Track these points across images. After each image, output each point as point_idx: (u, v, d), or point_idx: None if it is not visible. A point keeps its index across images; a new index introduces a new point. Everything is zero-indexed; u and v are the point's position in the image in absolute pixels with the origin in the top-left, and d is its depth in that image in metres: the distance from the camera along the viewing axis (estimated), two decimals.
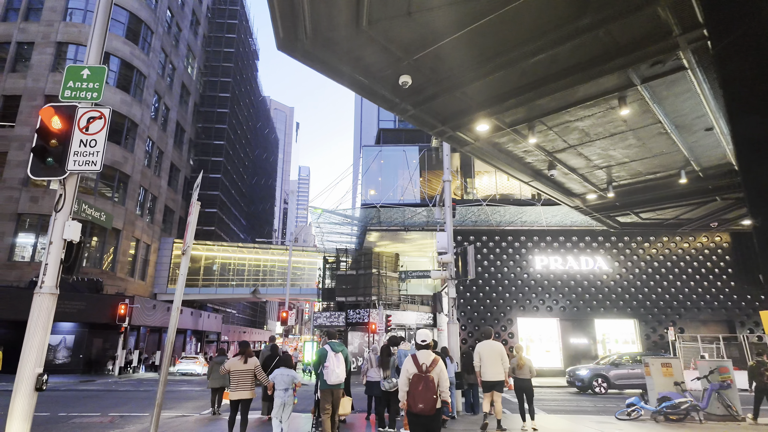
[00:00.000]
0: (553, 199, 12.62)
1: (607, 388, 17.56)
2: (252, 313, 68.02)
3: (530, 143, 8.84)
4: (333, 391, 7.13)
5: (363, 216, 25.31)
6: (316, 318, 29.47)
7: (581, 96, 7.40)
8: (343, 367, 7.06)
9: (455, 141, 9.26)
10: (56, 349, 25.34)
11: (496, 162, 10.10)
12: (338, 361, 7.02)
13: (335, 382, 7.00)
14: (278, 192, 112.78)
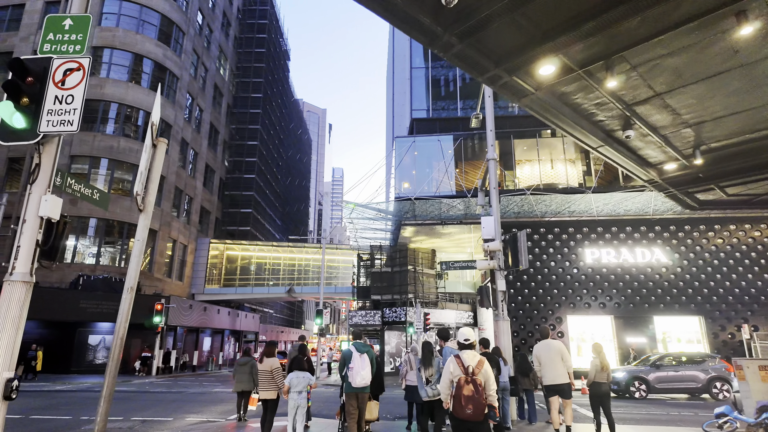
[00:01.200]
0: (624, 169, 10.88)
1: (647, 392, 15.62)
2: (289, 312, 68.19)
3: (607, 89, 7.10)
4: (358, 394, 6.79)
5: (397, 210, 24.15)
6: (351, 317, 28.55)
7: (684, 13, 5.74)
8: (368, 369, 6.75)
9: (511, 91, 7.66)
10: (96, 349, 25.53)
11: (560, 121, 8.44)
12: (363, 363, 6.72)
13: (360, 384, 6.67)
14: (312, 193, 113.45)
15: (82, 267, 27.29)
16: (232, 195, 43.70)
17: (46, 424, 9.54)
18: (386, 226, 28.16)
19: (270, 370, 7.49)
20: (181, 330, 30.60)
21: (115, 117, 30.92)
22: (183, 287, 35.59)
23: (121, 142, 30.22)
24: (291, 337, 62.73)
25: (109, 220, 29.10)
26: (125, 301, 5.44)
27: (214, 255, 39.30)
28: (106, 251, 29.19)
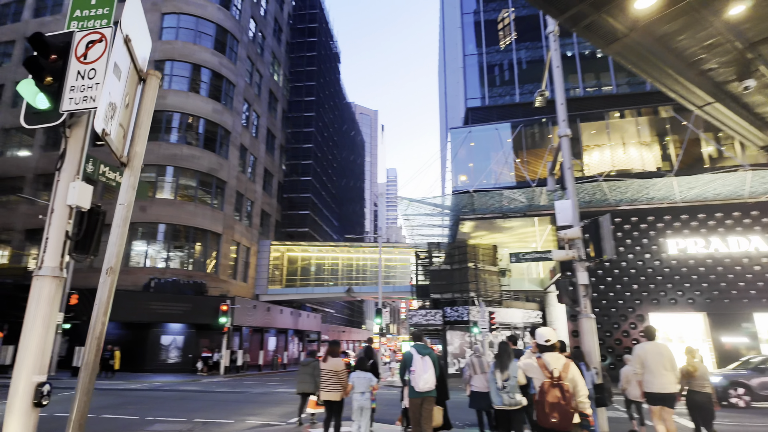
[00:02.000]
0: (734, 134, 9.12)
1: (750, 400, 13.39)
2: (349, 312, 68.70)
3: (725, 21, 5.72)
4: (423, 399, 6.37)
5: (455, 204, 23.08)
6: (411, 316, 27.79)
7: None
8: (432, 372, 6.34)
9: (598, 33, 6.36)
10: (168, 349, 26.61)
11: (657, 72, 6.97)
12: (425, 366, 6.33)
13: (424, 388, 6.27)
14: (367, 194, 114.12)
15: (153, 271, 28.59)
16: (290, 197, 44.48)
17: (112, 424, 9.59)
18: (443, 221, 27.14)
19: (335, 370, 7.28)
20: (246, 330, 31.31)
21: (177, 126, 32.24)
22: (247, 288, 36.55)
23: (184, 149, 31.45)
24: (352, 337, 63.09)
25: (175, 225, 30.34)
26: (104, 286, 4.01)
27: (275, 257, 40.10)
28: (174, 255, 30.43)
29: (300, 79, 48.19)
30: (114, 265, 4.10)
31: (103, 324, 3.89)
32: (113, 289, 4.05)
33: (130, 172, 4.33)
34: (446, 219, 26.05)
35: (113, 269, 4.08)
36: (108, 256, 4.10)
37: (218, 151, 33.33)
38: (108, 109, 3.79)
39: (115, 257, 4.15)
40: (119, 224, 4.29)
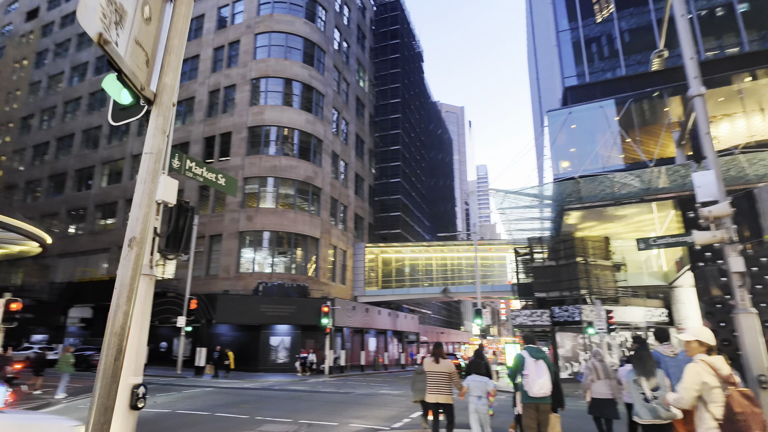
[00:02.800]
0: None
1: None
2: (447, 313, 67.63)
3: None
4: (538, 405, 6.06)
5: (557, 194, 21.22)
6: (514, 317, 26.21)
7: None
8: (547, 377, 6.04)
9: None
10: (277, 349, 28.05)
11: None
12: (539, 369, 6.04)
13: (539, 393, 5.97)
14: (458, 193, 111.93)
15: (261, 275, 30.40)
16: (381, 200, 44.93)
17: (225, 423, 9.95)
18: (543, 214, 25.19)
19: (447, 372, 7.17)
20: (347, 331, 31.99)
21: (275, 139, 34.09)
22: (346, 290, 37.47)
23: (282, 160, 33.13)
24: (451, 339, 61.96)
25: (278, 232, 32.03)
26: (126, 263, 2.87)
27: (370, 259, 40.66)
28: (279, 260, 32.11)
29: (385, 82, 48.59)
30: (139, 234, 3.00)
31: (125, 315, 2.82)
32: (139, 268, 2.95)
33: (158, 110, 3.44)
34: (547, 211, 24.12)
35: (137, 240, 2.97)
36: (131, 221, 3.05)
37: (312, 159, 34.64)
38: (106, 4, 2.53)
39: (140, 223, 3.04)
40: (145, 179, 3.28)
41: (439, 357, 7.26)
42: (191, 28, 39.53)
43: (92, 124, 41.92)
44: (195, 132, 35.84)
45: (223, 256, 31.44)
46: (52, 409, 12.16)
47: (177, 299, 26.41)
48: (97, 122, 41.61)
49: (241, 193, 32.39)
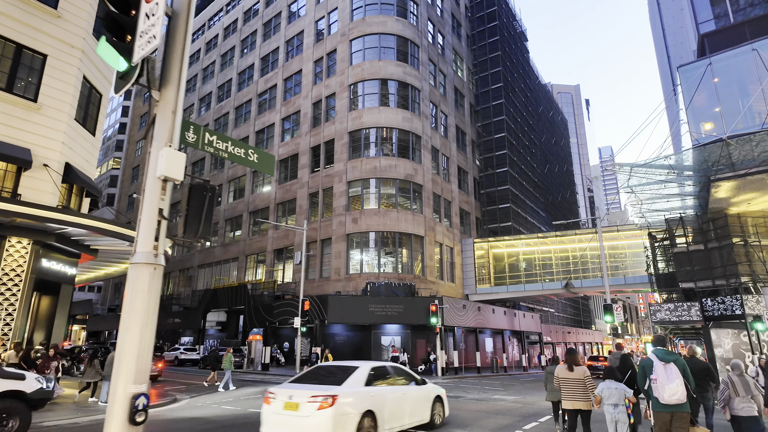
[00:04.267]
0: None
1: None
2: (574, 311, 61.92)
3: None
4: (673, 413, 5.56)
5: (699, 162, 17.51)
6: (654, 312, 22.42)
7: None
8: (679, 381, 5.53)
9: None
10: (387, 349, 27.85)
11: None
12: (670, 374, 5.56)
13: (671, 400, 5.51)
14: (579, 179, 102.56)
15: (369, 276, 30.61)
16: (487, 192, 42.65)
17: None
18: (683, 189, 21.12)
19: (582, 378, 7.05)
20: (459, 330, 30.65)
21: (374, 140, 34.26)
22: (456, 288, 36.12)
23: (382, 161, 33.12)
24: (579, 339, 56.56)
25: (382, 232, 32.02)
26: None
27: (479, 255, 38.72)
28: (385, 260, 32.08)
29: (484, 68, 46.20)
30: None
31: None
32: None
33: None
34: (688, 185, 20.14)
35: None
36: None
37: (412, 157, 34.08)
38: None
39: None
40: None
41: (573, 364, 7.16)
42: (293, 45, 41.90)
43: None
44: (302, 144, 37.70)
45: (333, 259, 32.36)
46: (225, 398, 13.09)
47: (294, 301, 27.73)
48: None
49: (346, 197, 33.07)
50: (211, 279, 41.96)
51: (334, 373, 8.34)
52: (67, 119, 13.98)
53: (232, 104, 46.52)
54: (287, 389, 7.64)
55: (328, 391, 7.32)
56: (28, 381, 8.04)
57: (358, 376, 8.19)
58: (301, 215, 35.41)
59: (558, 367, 7.34)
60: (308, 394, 7.30)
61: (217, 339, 38.25)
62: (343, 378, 8.00)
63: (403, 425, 8.53)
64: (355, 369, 8.36)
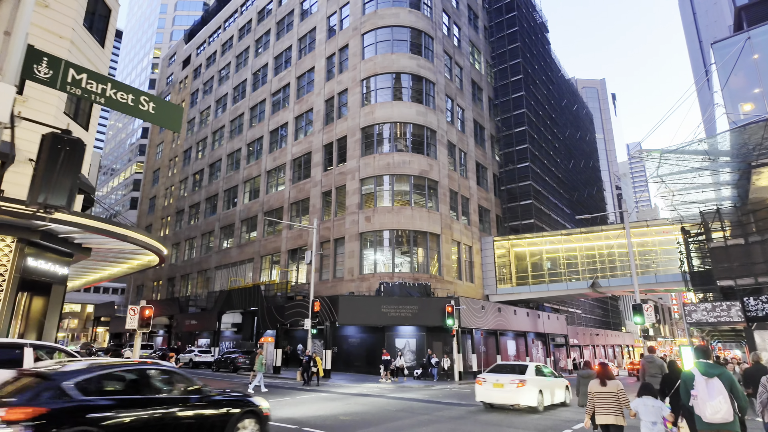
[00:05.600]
0: None
1: None
2: (602, 312, 59.35)
3: None
4: None
5: (736, 145, 15.79)
6: (690, 312, 20.62)
7: None
8: (724, 398, 4.98)
9: None
10: (403, 352, 26.70)
11: None
12: (713, 390, 5.04)
13: (715, 419, 5.00)
14: (607, 176, 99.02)
15: (383, 276, 29.56)
16: (508, 189, 41.01)
17: None
18: (719, 177, 19.31)
19: (616, 392, 6.83)
20: (478, 333, 29.25)
21: (388, 136, 33.22)
22: (475, 289, 34.70)
23: (395, 156, 32.06)
24: (609, 341, 54.07)
25: (396, 231, 30.93)
26: None
27: (500, 254, 37.17)
28: (400, 260, 30.96)
29: (503, 60, 44.59)
30: None
31: None
32: None
33: None
34: (725, 172, 18.35)
35: None
36: None
37: (426, 152, 32.90)
38: None
39: None
40: None
41: (606, 378, 6.94)
42: (305, 42, 41.28)
43: (234, 147, 46.54)
44: (315, 142, 36.99)
45: (346, 259, 31.45)
46: None
47: (305, 302, 26.91)
48: (238, 146, 46.04)
49: (359, 195, 32.13)
50: (228, 280, 41.69)
51: (513, 367, 14.13)
52: (56, 112, 13.48)
53: (247, 104, 46.30)
54: (491, 376, 13.52)
55: (519, 378, 13.04)
56: None
57: (531, 369, 13.69)
58: (315, 214, 34.67)
59: (591, 383, 7.13)
60: (508, 378, 13.09)
61: (232, 341, 37.87)
62: (522, 371, 13.56)
63: (553, 401, 14.20)
64: (526, 366, 13.86)
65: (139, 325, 16.27)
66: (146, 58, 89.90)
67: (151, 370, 6.64)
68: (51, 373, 5.60)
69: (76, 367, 5.92)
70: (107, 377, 6.08)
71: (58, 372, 5.64)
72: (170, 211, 55.46)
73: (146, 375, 6.50)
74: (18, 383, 5.52)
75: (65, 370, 5.77)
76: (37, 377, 5.56)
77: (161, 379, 6.65)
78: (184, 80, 61.13)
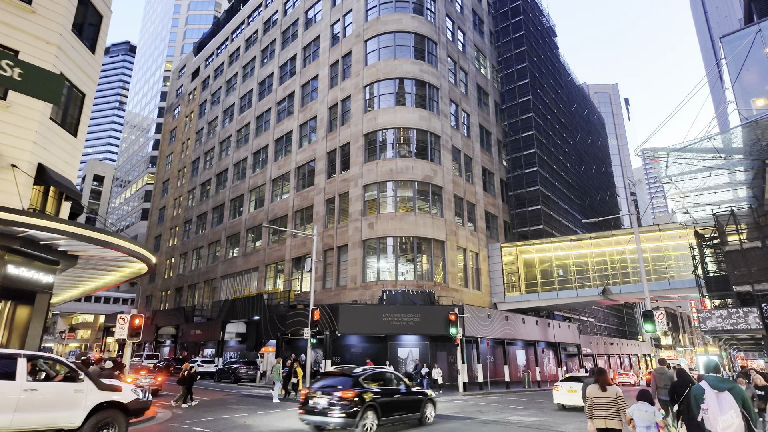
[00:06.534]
0: None
1: None
2: (617, 321, 57.64)
3: None
4: None
5: (749, 142, 14.92)
6: (704, 320, 19.57)
7: None
8: (735, 413, 4.93)
9: None
10: (405, 362, 25.96)
11: None
12: (723, 404, 4.97)
13: None
14: (620, 182, 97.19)
15: (386, 283, 28.94)
16: (516, 194, 40.15)
17: None
18: (733, 177, 18.37)
19: (615, 397, 7.00)
20: (484, 342, 28.34)
21: (391, 142, 32.79)
22: (482, 296, 33.81)
23: (398, 162, 31.59)
24: (624, 351, 52.39)
25: (400, 237, 30.34)
26: None
27: (508, 261, 36.26)
28: (403, 267, 30.31)
29: (509, 64, 44.00)
30: None
31: None
32: None
33: None
34: (739, 171, 17.43)
35: None
36: None
37: (431, 157, 32.37)
38: None
39: None
40: None
41: (605, 384, 7.12)
42: (310, 51, 41.30)
43: (240, 157, 46.62)
44: (319, 149, 36.75)
45: (349, 266, 30.92)
46: None
47: (305, 311, 26.38)
48: (244, 155, 46.10)
49: (361, 201, 31.67)
50: (233, 290, 41.45)
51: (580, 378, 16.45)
52: (40, 117, 13.32)
53: (253, 114, 46.42)
54: (566, 384, 17.34)
55: None
56: (125, 392, 9.08)
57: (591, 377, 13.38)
58: (318, 222, 34.28)
59: (589, 388, 7.26)
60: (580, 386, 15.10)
61: (237, 351, 37.47)
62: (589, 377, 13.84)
63: None
64: None
65: (129, 335, 15.92)
66: (158, 71, 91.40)
67: (387, 373, 12.44)
68: (351, 373, 11.37)
69: (360, 369, 11.79)
70: (372, 376, 11.64)
71: (354, 372, 11.40)
72: (179, 221, 55.71)
73: (386, 375, 12.33)
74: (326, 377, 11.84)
75: (357, 371, 11.54)
76: (342, 375, 11.27)
77: (392, 377, 12.44)
78: (192, 92, 61.79)
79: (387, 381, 12.00)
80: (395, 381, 12.36)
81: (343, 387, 10.67)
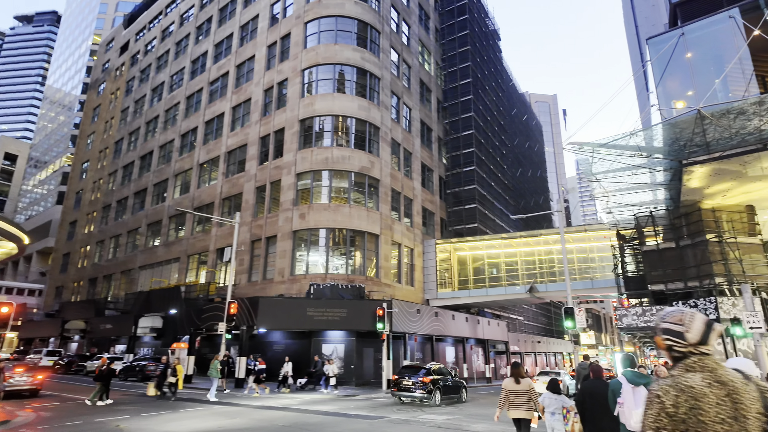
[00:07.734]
0: None
1: None
2: (546, 320, 59.75)
3: None
4: None
5: (669, 140, 15.16)
6: (621, 317, 20.00)
7: None
8: None
9: None
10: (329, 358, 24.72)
11: None
12: (639, 398, 4.97)
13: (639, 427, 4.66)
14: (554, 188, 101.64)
15: (315, 277, 27.58)
16: (454, 192, 40.16)
17: None
18: (654, 178, 18.84)
19: (528, 389, 7.42)
20: (411, 338, 27.74)
21: (329, 129, 31.46)
22: (415, 293, 33.31)
23: (334, 151, 30.32)
24: (551, 348, 54.28)
25: (333, 229, 29.11)
26: None
27: (443, 258, 36.06)
28: (334, 260, 29.09)
29: (453, 63, 44.00)
30: None
31: None
32: None
33: None
34: (659, 170, 17.82)
35: None
36: None
37: (369, 149, 31.37)
38: None
39: None
40: None
41: (519, 377, 7.49)
42: (247, 30, 39.01)
43: (167, 138, 43.27)
44: (252, 134, 34.68)
45: (278, 259, 29.23)
46: None
47: (222, 305, 24.44)
48: (171, 137, 42.83)
49: (294, 190, 30.09)
50: (151, 281, 38.27)
51: None
52: None
53: (184, 93, 43.25)
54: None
55: None
56: None
57: None
58: (248, 211, 32.25)
59: (505, 380, 7.64)
60: None
61: (152, 347, 34.54)
62: None
63: None
64: None
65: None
66: (85, 44, 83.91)
67: (444, 368, 19.10)
68: (423, 365, 18.13)
69: (429, 364, 18.55)
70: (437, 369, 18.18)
71: (426, 365, 18.17)
72: (97, 206, 51.02)
73: (443, 369, 18.78)
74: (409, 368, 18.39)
75: (427, 365, 18.17)
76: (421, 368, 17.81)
77: (447, 371, 19.07)
78: (120, 67, 56.93)
79: (445, 373, 18.44)
80: (448, 373, 18.80)
81: (423, 375, 16.92)
